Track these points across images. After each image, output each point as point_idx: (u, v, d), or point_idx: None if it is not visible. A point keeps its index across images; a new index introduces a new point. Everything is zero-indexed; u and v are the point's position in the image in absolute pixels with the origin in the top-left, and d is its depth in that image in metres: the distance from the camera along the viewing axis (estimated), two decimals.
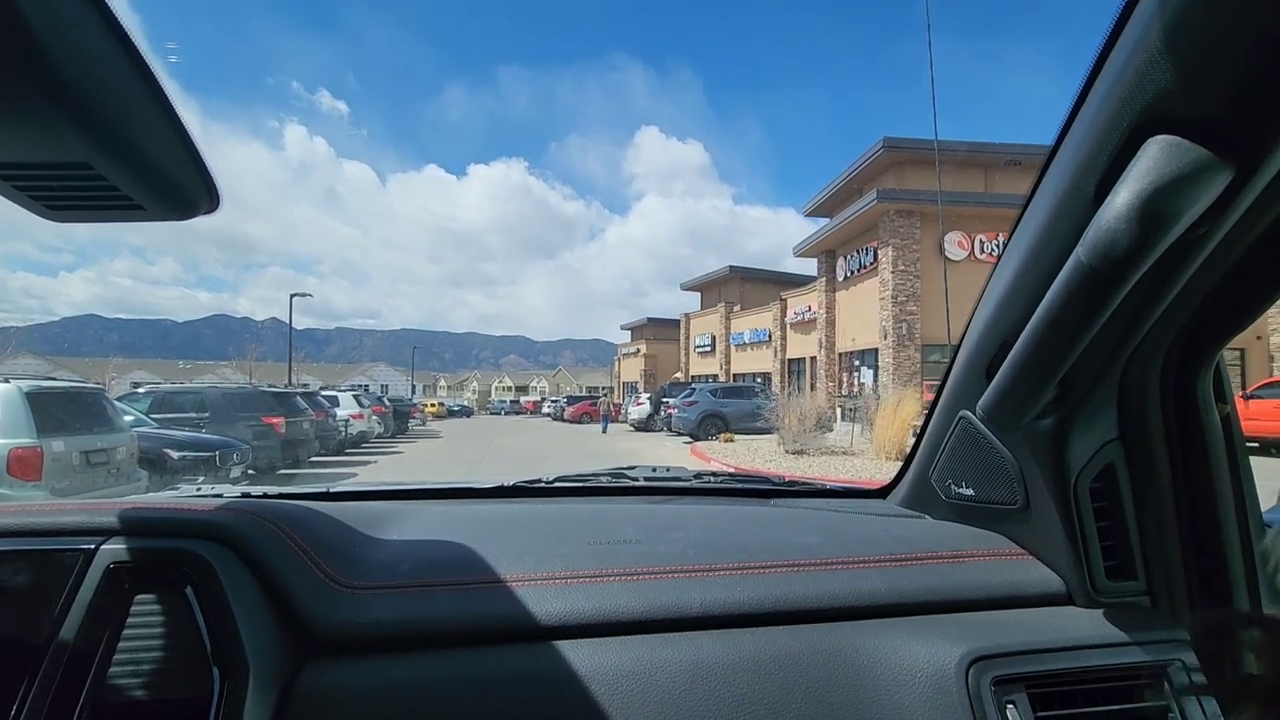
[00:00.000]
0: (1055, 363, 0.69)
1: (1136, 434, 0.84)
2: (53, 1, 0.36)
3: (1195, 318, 0.76)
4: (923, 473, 1.13)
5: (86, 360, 72.61)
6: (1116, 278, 0.57)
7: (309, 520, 0.86)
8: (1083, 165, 0.62)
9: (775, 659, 0.76)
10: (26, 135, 0.42)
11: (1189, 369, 0.81)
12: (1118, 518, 0.86)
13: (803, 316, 26.12)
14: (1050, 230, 0.69)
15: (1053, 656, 0.78)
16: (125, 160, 0.45)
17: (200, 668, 0.68)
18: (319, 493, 1.23)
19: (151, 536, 0.75)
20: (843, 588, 0.85)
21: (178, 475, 7.70)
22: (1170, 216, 0.53)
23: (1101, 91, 0.59)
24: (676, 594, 0.82)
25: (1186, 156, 0.52)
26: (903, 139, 20.87)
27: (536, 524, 1.01)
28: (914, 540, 0.97)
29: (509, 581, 0.81)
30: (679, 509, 1.17)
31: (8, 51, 0.36)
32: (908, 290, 19.44)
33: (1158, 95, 0.53)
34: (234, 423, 10.44)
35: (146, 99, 0.43)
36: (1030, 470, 0.89)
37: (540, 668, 0.73)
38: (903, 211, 19.41)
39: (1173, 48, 0.50)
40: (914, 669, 0.76)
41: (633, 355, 46.95)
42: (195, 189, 0.50)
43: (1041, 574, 0.91)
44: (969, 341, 0.91)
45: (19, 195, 0.48)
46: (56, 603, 0.69)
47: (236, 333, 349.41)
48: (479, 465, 13.40)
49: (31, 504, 0.80)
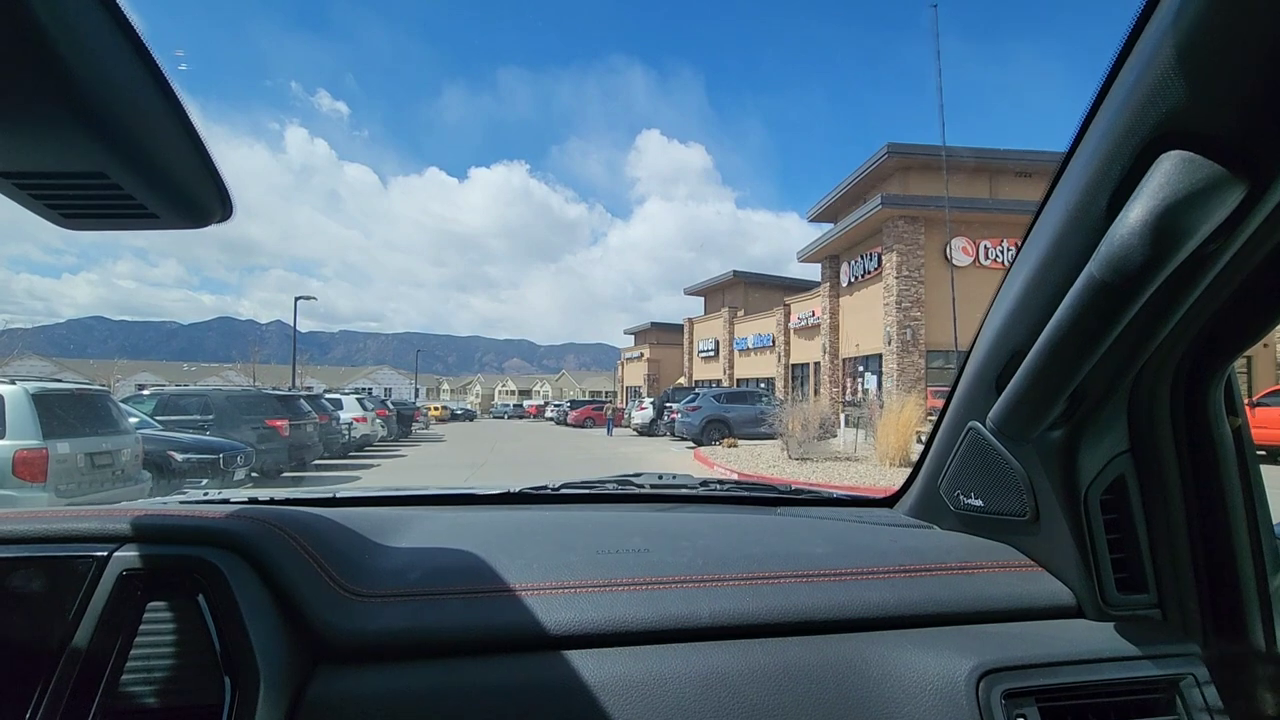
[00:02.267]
0: (1066, 376, 0.69)
1: (1147, 446, 0.84)
2: (72, 15, 0.37)
3: (1207, 331, 0.75)
4: (931, 482, 1.13)
5: (92, 362, 72.97)
6: (1129, 293, 0.58)
7: (319, 528, 0.86)
8: (1094, 180, 0.62)
9: (785, 670, 0.76)
10: (44, 145, 0.42)
11: (1200, 382, 0.81)
12: (1128, 530, 0.85)
13: (806, 322, 26.10)
14: (1061, 244, 0.69)
15: (1063, 670, 0.77)
16: (141, 170, 0.45)
17: (211, 675, 0.68)
18: (326, 498, 1.24)
19: (164, 543, 0.75)
20: (852, 599, 0.85)
21: (182, 478, 7.72)
22: (1184, 232, 0.53)
23: (1113, 106, 0.59)
24: (685, 604, 0.82)
25: (1200, 173, 0.52)
26: (907, 145, 20.90)
27: (544, 532, 1.01)
28: (923, 551, 0.97)
29: (517, 590, 0.81)
30: (686, 517, 1.16)
31: (26, 63, 0.37)
32: (912, 296, 19.42)
33: (1171, 111, 0.53)
34: (238, 425, 10.45)
35: (162, 109, 0.44)
36: (1040, 482, 0.89)
37: (549, 678, 0.73)
38: (907, 217, 19.40)
39: (1185, 65, 0.50)
40: (924, 681, 0.76)
41: (636, 360, 46.98)
42: (209, 198, 0.50)
43: (1051, 586, 0.91)
44: (978, 352, 0.91)
45: (35, 204, 0.49)
46: (70, 609, 0.69)
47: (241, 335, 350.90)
48: (483, 469, 13.40)
49: (45, 510, 0.81)
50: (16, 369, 26.65)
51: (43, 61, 0.37)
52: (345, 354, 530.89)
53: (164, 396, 10.97)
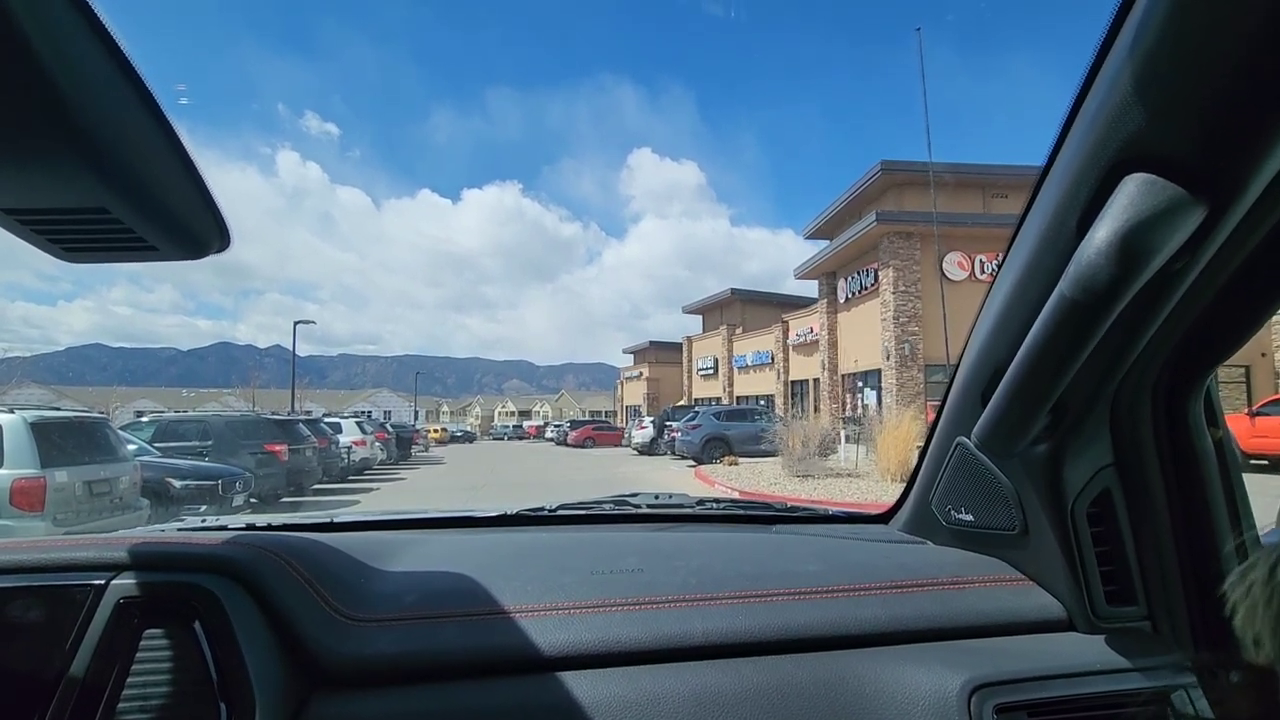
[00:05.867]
0: (1045, 391, 0.71)
1: (1131, 459, 0.85)
2: (74, 55, 0.38)
3: (1182, 345, 0.77)
4: (923, 498, 1.14)
5: (91, 389, 72.80)
6: (1098, 310, 0.59)
7: (314, 552, 0.87)
8: (1065, 201, 0.64)
9: (779, 688, 0.76)
10: (46, 182, 0.43)
11: (1179, 395, 0.82)
12: (1116, 543, 0.86)
13: (805, 338, 26.13)
14: (1036, 263, 0.71)
15: (1055, 683, 0.78)
16: (141, 204, 0.46)
17: (207, 701, 0.68)
18: (323, 523, 1.24)
19: (160, 571, 0.76)
20: (844, 615, 0.86)
21: (181, 504, 7.68)
22: (1148, 251, 0.55)
23: (1080, 131, 0.61)
24: (679, 624, 0.82)
25: (1162, 194, 0.54)
26: (900, 161, 21.13)
27: (540, 553, 1.01)
28: (914, 567, 0.98)
29: (513, 612, 0.82)
30: (681, 537, 1.17)
31: (28, 101, 0.37)
32: (909, 311, 19.48)
33: (1132, 136, 0.55)
34: (237, 451, 10.42)
35: (162, 145, 0.45)
36: (1028, 496, 0.90)
37: (544, 699, 0.74)
38: (902, 233, 19.54)
39: (1143, 93, 0.53)
40: (916, 697, 0.76)
41: (635, 379, 46.92)
42: (207, 230, 0.51)
43: (1042, 600, 0.91)
44: (964, 368, 0.93)
45: (37, 238, 0.50)
46: (68, 637, 0.70)
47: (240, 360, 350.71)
48: (482, 492, 13.32)
49: (43, 539, 0.82)
50: (15, 397, 26.56)
51: (45, 100, 0.37)
52: (344, 377, 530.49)
53: (163, 423, 10.96)
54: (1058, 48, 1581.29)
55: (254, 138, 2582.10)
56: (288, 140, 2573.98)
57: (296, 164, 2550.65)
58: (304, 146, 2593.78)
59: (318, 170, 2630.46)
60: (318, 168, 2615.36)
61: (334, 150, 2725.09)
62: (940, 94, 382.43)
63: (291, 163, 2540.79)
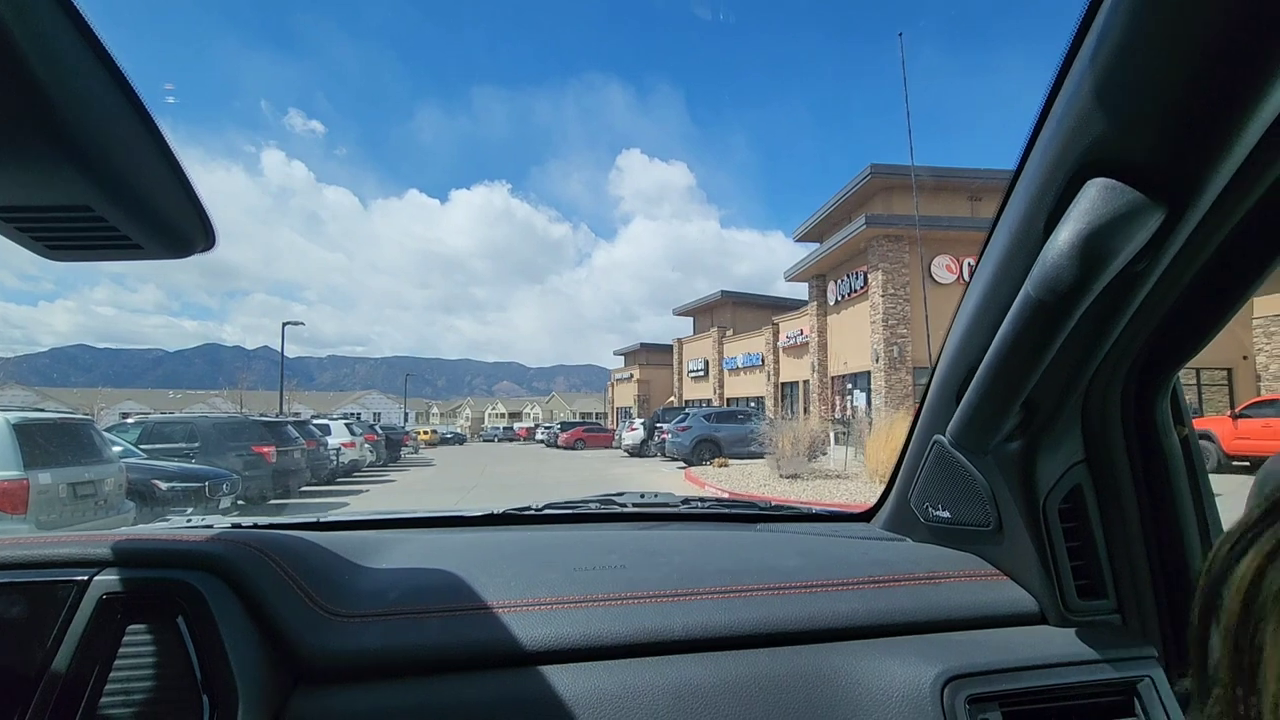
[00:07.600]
0: (1014, 389, 0.73)
1: (1100, 456, 0.87)
2: (57, 52, 0.38)
3: (1149, 345, 0.79)
4: (903, 496, 1.16)
5: (76, 390, 72.02)
6: (1063, 310, 0.61)
7: (299, 549, 0.87)
8: (1032, 205, 0.66)
9: (756, 681, 0.78)
10: (30, 179, 0.43)
11: (1147, 394, 0.84)
12: (1086, 538, 0.88)
13: (795, 340, 26.25)
14: (1007, 265, 0.73)
15: (1026, 675, 0.80)
16: (125, 202, 0.46)
17: (191, 697, 0.69)
18: (310, 522, 1.24)
19: (143, 567, 0.76)
20: (822, 610, 0.87)
21: (167, 506, 7.60)
22: (1109, 253, 0.57)
23: (1047, 137, 0.63)
24: (660, 618, 0.84)
25: (1122, 198, 0.56)
26: (889, 165, 21.26)
27: (525, 551, 1.02)
28: (892, 563, 0.99)
29: (495, 608, 0.83)
30: (665, 534, 1.18)
31: (12, 99, 0.37)
32: (898, 314, 19.60)
33: (1094, 142, 0.57)
34: (224, 453, 10.34)
35: (146, 143, 0.45)
36: (1001, 492, 0.92)
37: (526, 692, 0.75)
38: (891, 236, 19.66)
39: (1104, 101, 0.55)
40: (891, 689, 0.78)
41: (626, 381, 46.96)
42: (192, 228, 0.52)
43: (1015, 594, 0.93)
44: (941, 367, 0.95)
45: (21, 236, 0.50)
46: (50, 634, 0.70)
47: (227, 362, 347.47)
48: (471, 493, 13.28)
49: (25, 536, 0.82)
50: None
51: (28, 97, 0.37)
52: (333, 379, 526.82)
53: (149, 424, 10.84)
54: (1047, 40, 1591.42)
55: (237, 136, 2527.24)
56: (272, 138, 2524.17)
57: (282, 163, 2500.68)
58: (289, 145, 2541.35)
59: (303, 169, 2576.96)
60: (303, 166, 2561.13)
61: (320, 149, 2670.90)
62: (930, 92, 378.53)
63: (277, 161, 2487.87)
